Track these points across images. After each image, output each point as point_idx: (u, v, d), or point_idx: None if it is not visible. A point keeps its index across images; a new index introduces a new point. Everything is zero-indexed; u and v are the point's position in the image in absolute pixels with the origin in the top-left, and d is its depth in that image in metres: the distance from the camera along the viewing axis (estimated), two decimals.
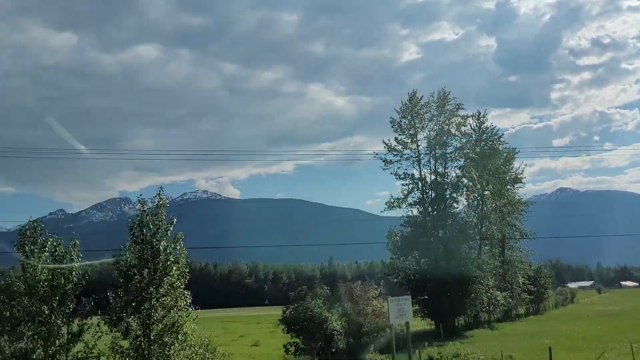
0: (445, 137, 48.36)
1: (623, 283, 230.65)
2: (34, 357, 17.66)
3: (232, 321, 76.68)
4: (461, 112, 48.92)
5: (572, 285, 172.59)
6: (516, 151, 59.78)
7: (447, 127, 48.10)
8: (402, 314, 25.04)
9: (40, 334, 17.67)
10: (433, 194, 48.41)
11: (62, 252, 18.76)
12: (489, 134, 55.36)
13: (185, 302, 18.79)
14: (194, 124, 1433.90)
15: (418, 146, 48.30)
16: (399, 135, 48.25)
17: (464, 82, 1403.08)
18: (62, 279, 18.27)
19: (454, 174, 49.22)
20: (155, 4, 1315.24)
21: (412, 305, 29.77)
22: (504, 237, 58.15)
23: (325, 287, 33.04)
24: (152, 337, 17.98)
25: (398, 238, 47.60)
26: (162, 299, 18.29)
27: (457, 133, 48.87)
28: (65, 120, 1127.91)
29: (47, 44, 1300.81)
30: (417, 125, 47.95)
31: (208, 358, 20.49)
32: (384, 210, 50.04)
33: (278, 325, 29.99)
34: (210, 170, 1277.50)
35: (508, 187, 59.11)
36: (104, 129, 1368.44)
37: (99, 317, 18.69)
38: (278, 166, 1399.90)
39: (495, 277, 52.68)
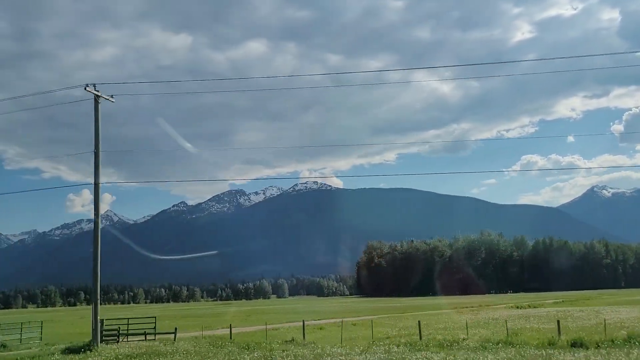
0: None
1: None
2: None
3: None
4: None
5: None
6: None
7: None
8: None
9: None
10: None
11: None
12: None
13: None
14: (300, 116, 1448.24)
15: None
16: None
17: (582, 60, 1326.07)
18: None
19: None
20: (263, 0, 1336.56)
21: None
22: None
23: None
24: None
25: None
26: None
27: None
28: (182, 117, 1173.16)
29: (166, 46, 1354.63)
30: None
31: None
32: None
33: None
34: (313, 161, 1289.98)
35: None
36: (216, 124, 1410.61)
37: None
38: (381, 156, 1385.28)
39: None
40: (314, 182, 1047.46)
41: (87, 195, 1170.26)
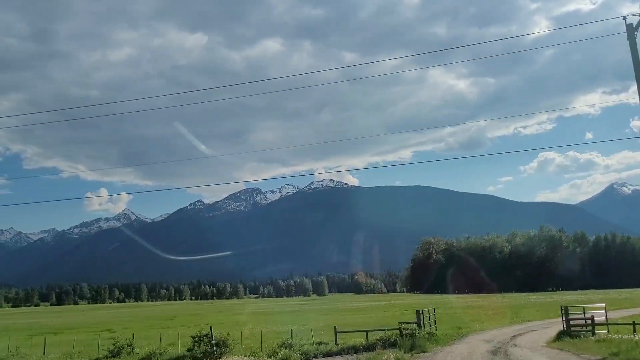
0: None
1: None
2: None
3: None
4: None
5: None
6: None
7: None
8: None
9: None
10: None
11: None
12: None
13: None
14: (315, 114, 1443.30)
15: None
16: None
17: (601, 56, 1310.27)
18: None
19: None
20: None
21: None
22: None
23: None
24: None
25: None
26: None
27: None
28: (199, 117, 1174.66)
29: (182, 45, 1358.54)
30: None
31: None
32: None
33: None
34: (329, 159, 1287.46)
35: None
36: (232, 123, 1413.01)
37: None
38: (395, 154, 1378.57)
39: None
40: (330, 180, 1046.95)
41: (105, 194, 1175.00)
